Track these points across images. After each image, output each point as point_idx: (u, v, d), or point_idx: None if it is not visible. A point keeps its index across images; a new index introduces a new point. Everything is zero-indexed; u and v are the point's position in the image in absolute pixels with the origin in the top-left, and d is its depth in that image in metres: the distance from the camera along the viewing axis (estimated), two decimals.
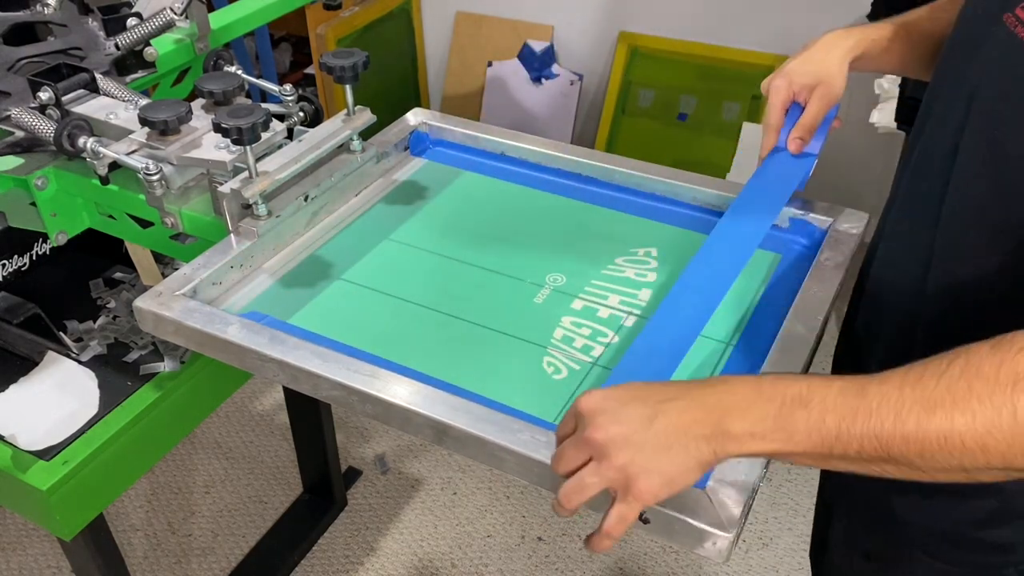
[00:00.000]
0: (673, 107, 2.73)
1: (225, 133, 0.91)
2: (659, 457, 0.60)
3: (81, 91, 1.11)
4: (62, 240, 1.13)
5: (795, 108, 0.99)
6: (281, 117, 1.12)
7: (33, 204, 1.10)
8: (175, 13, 1.22)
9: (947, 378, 0.54)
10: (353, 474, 2.06)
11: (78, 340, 1.34)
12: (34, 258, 1.46)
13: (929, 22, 0.94)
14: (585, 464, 0.63)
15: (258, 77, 1.21)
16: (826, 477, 1.02)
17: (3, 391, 1.25)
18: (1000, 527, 0.80)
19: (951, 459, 0.54)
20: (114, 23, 1.25)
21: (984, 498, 0.79)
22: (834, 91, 0.96)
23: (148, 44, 1.24)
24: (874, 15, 2.15)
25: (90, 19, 1.27)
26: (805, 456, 0.59)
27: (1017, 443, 0.52)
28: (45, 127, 1.04)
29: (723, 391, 0.60)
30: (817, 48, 0.97)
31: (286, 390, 1.81)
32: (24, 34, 1.25)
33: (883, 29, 0.96)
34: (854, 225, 1.03)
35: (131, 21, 1.24)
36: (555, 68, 2.87)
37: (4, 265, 1.42)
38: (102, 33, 1.25)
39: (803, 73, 0.96)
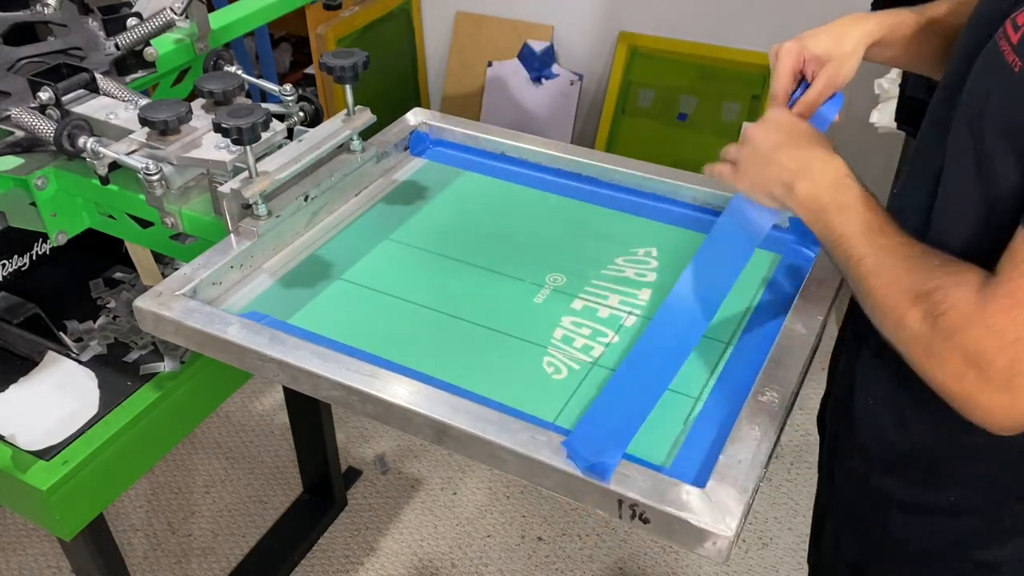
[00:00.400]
0: (673, 107, 2.73)
1: (225, 133, 0.91)
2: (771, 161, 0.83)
3: (81, 91, 1.11)
4: (62, 240, 1.13)
5: (802, 85, 0.95)
6: (281, 117, 1.12)
7: (33, 204, 1.10)
8: (175, 13, 1.22)
9: (912, 261, 0.67)
10: (353, 474, 2.06)
11: (78, 340, 1.34)
12: (34, 258, 1.46)
13: (952, 16, 0.91)
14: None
15: (258, 77, 1.21)
16: (823, 483, 1.01)
17: (3, 391, 1.26)
18: (987, 547, 0.80)
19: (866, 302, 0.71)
20: (114, 23, 1.25)
21: (972, 518, 0.79)
22: (843, 72, 0.93)
23: (148, 44, 1.24)
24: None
25: (90, 19, 1.27)
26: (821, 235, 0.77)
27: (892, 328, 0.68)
28: (45, 127, 1.04)
29: (817, 159, 0.79)
30: (836, 24, 0.94)
31: (286, 390, 1.81)
32: (24, 34, 1.25)
33: (905, 17, 0.93)
34: None
35: (131, 21, 1.24)
36: (555, 68, 2.87)
37: (4, 265, 1.42)
38: (102, 33, 1.25)
39: (817, 44, 0.93)
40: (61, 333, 1.34)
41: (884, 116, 2.02)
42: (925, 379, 0.65)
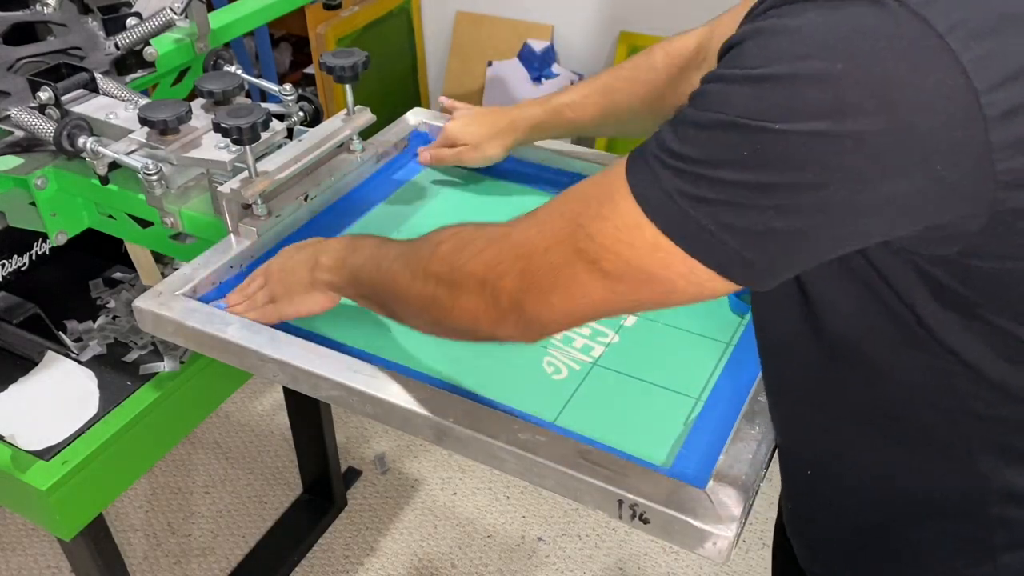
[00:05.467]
0: None
1: (225, 133, 0.91)
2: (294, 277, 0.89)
3: (81, 91, 1.11)
4: (62, 240, 1.13)
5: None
6: (281, 117, 1.12)
7: (33, 204, 1.10)
8: (175, 13, 1.22)
9: (408, 252, 0.75)
10: (353, 474, 2.06)
11: (78, 340, 1.33)
12: (34, 258, 1.46)
13: (602, 96, 1.05)
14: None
15: (258, 77, 1.21)
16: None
17: (3, 391, 1.25)
18: None
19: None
20: (114, 23, 1.25)
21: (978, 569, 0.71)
22: (471, 159, 1.14)
23: (148, 44, 1.24)
24: None
25: (90, 19, 1.27)
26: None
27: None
28: (45, 127, 1.04)
29: (320, 254, 0.87)
30: (488, 128, 1.12)
31: (286, 390, 1.81)
32: (24, 34, 1.25)
33: (545, 105, 1.09)
34: None
35: (131, 21, 1.24)
36: (555, 68, 2.87)
37: (4, 265, 1.42)
38: (102, 33, 1.25)
39: (469, 135, 1.13)
40: (61, 333, 1.33)
41: None
42: (450, 327, 0.73)
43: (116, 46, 1.22)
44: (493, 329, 0.67)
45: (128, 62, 1.25)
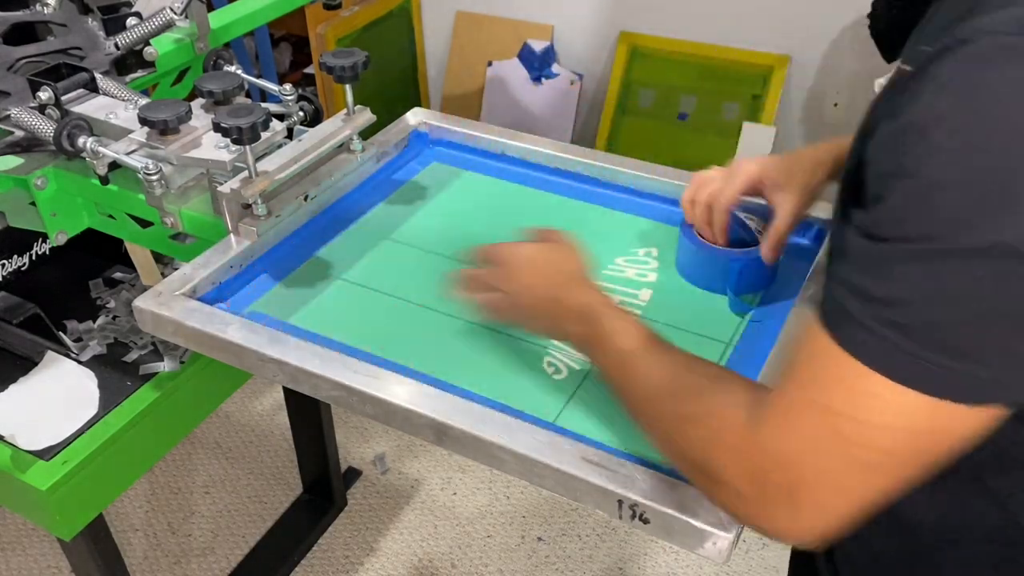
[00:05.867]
0: (673, 107, 2.73)
1: (225, 133, 0.91)
2: (530, 298, 0.80)
3: (81, 91, 1.11)
4: (62, 240, 1.13)
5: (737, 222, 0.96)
6: (281, 117, 1.12)
7: (33, 204, 1.10)
8: (175, 13, 1.22)
9: (675, 383, 0.66)
10: (353, 474, 2.06)
11: (78, 340, 1.33)
12: (34, 258, 1.46)
13: None
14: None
15: (258, 77, 1.21)
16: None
17: (3, 391, 1.25)
18: None
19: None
20: (114, 23, 1.24)
21: None
22: (796, 207, 0.91)
23: (148, 44, 1.24)
24: (874, 16, 2.14)
25: (90, 19, 1.27)
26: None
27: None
28: (45, 127, 1.04)
29: (571, 297, 0.77)
30: (800, 156, 0.92)
31: (286, 390, 1.81)
32: (24, 34, 1.25)
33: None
34: None
35: (131, 21, 1.24)
36: (555, 68, 2.87)
37: (4, 265, 1.42)
38: (102, 33, 1.25)
39: (772, 169, 0.92)
40: (61, 333, 1.33)
41: None
42: (707, 498, 0.64)
43: (116, 46, 1.22)
44: (759, 524, 0.60)
45: (128, 62, 1.25)
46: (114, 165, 1.03)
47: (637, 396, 0.68)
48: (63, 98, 1.08)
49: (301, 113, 1.15)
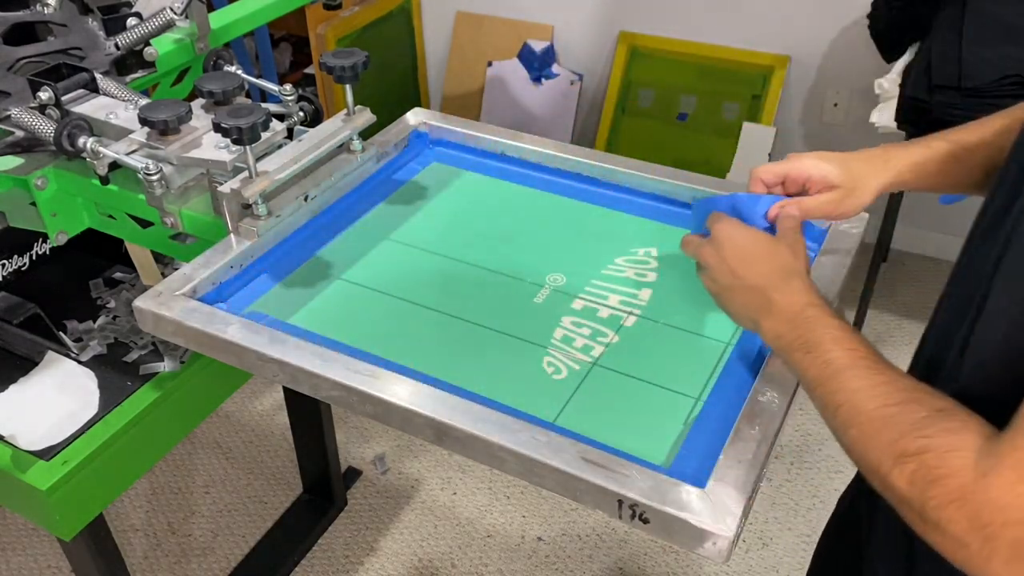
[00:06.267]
0: (673, 107, 2.73)
1: (225, 133, 0.91)
2: (737, 277, 0.78)
3: (81, 91, 1.11)
4: (62, 240, 1.13)
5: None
6: (281, 117, 1.12)
7: (33, 204, 1.10)
8: (175, 13, 1.22)
9: (894, 409, 0.61)
10: (353, 474, 2.06)
11: (78, 340, 1.33)
12: (34, 258, 1.46)
13: (987, 148, 0.82)
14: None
15: (258, 77, 1.21)
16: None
17: (3, 391, 1.26)
18: None
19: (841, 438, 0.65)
20: (114, 23, 1.25)
21: None
22: (845, 211, 0.86)
23: (148, 44, 1.24)
24: (874, 16, 2.14)
25: (90, 19, 1.27)
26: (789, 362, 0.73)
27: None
28: (45, 127, 1.04)
29: (780, 296, 0.74)
30: (858, 167, 0.85)
31: (286, 390, 1.81)
32: (24, 34, 1.25)
33: (930, 150, 0.84)
34: (854, 225, 1.03)
35: (131, 21, 1.24)
36: (555, 68, 2.87)
37: (4, 265, 1.42)
38: (102, 33, 1.25)
39: (835, 177, 0.85)
40: (61, 333, 1.34)
41: (884, 116, 2.02)
42: (923, 538, 0.59)
43: (116, 46, 1.23)
44: (978, 570, 0.57)
45: (128, 62, 1.25)
46: (114, 165, 1.03)
47: (845, 416, 0.64)
48: (63, 98, 1.08)
49: (301, 113, 1.15)
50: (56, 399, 1.23)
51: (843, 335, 0.68)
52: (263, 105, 1.03)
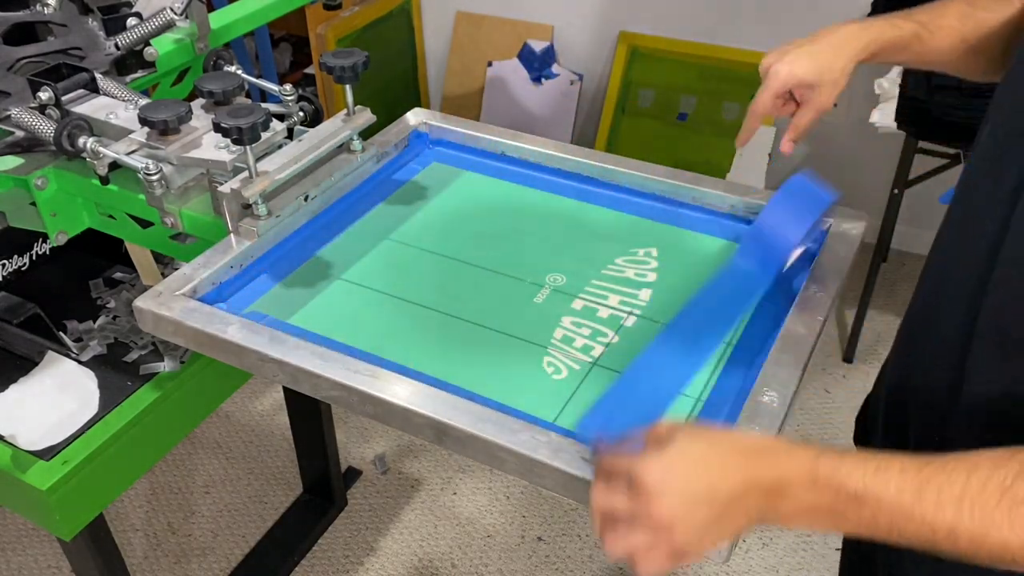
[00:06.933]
0: (673, 107, 2.73)
1: (225, 133, 0.91)
2: (708, 535, 0.62)
3: (81, 91, 1.11)
4: (62, 240, 1.13)
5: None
6: (281, 117, 1.12)
7: (33, 204, 1.10)
8: (175, 13, 1.22)
9: (1008, 498, 0.55)
10: (353, 474, 2.06)
11: (78, 340, 1.34)
12: (34, 258, 1.46)
13: (959, 21, 0.87)
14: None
15: (258, 77, 1.21)
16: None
17: (3, 391, 1.25)
18: None
19: (1000, 564, 0.57)
20: (114, 23, 1.25)
21: None
22: (828, 99, 0.91)
23: (148, 44, 1.24)
24: (874, 15, 2.14)
25: (90, 19, 1.27)
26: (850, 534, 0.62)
27: None
28: (45, 127, 1.04)
29: (780, 473, 0.61)
30: (826, 44, 0.92)
31: (286, 390, 1.81)
32: (24, 34, 1.25)
33: (902, 28, 0.89)
34: (854, 226, 1.03)
35: (131, 21, 1.25)
36: (555, 68, 2.87)
37: (4, 265, 1.42)
38: (102, 33, 1.25)
39: (804, 69, 0.91)
40: (61, 333, 1.34)
41: (884, 116, 2.02)
42: None
43: (116, 46, 1.23)
44: None
45: (128, 62, 1.25)
46: (114, 165, 1.03)
47: (970, 528, 0.56)
48: (63, 98, 1.08)
49: (301, 113, 1.15)
50: (56, 399, 1.23)
51: (874, 465, 0.59)
52: (263, 105, 1.03)
